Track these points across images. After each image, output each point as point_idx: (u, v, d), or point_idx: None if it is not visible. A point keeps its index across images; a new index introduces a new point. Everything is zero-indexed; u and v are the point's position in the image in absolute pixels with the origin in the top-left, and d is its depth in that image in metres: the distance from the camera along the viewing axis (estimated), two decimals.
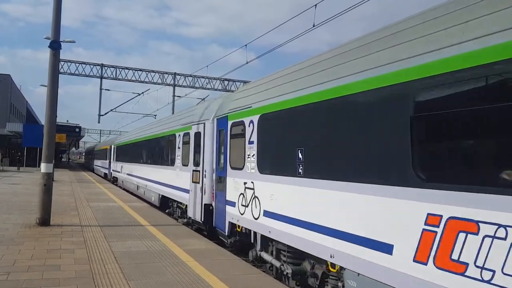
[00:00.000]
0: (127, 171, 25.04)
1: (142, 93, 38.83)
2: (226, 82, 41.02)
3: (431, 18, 4.37)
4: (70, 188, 22.34)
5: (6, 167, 43.94)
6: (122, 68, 38.62)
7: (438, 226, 3.86)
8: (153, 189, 17.34)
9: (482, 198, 3.48)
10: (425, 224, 4.01)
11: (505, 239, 3.29)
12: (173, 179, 14.04)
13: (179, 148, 13.63)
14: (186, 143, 12.77)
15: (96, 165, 48.84)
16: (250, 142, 8.02)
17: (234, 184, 8.86)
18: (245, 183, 8.24)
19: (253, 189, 7.87)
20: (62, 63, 35.16)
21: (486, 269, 3.39)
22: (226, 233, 9.34)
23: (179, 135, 13.66)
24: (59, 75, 12.71)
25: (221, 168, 9.82)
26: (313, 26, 13.37)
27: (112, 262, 6.91)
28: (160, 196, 16.24)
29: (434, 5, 4.62)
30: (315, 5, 12.92)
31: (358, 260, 4.94)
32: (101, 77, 37.64)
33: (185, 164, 12.74)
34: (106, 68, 38.10)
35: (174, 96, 39.86)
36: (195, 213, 11.43)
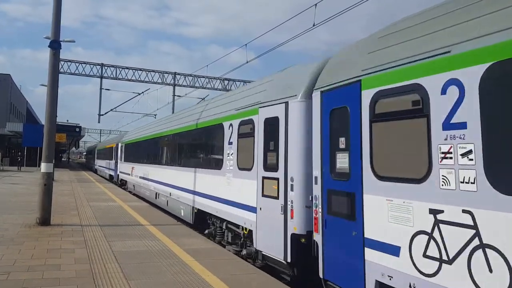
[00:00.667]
0: (140, 174, 20.99)
1: (142, 92, 38.84)
2: (226, 82, 41.04)
3: None
4: (70, 187, 22.34)
5: (6, 167, 43.97)
6: (122, 68, 38.61)
7: None
8: (183, 200, 13.23)
9: None
10: None
11: None
12: (220, 188, 10.03)
13: (230, 143, 9.60)
14: (245, 135, 8.88)
15: (99, 166, 45.09)
16: (454, 126, 4.06)
17: (393, 211, 4.72)
18: (435, 213, 4.20)
19: (474, 228, 3.81)
20: (62, 63, 35.17)
21: None
22: None
23: (231, 124, 9.65)
24: (59, 74, 12.72)
25: (342, 177, 5.69)
26: (313, 25, 13.37)
27: (112, 262, 6.90)
28: (195, 211, 12.05)
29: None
30: (315, 5, 12.92)
31: None
32: (101, 77, 37.62)
33: (244, 167, 8.79)
34: (106, 67, 38.09)
35: (174, 95, 39.86)
36: (271, 245, 7.45)
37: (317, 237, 6.19)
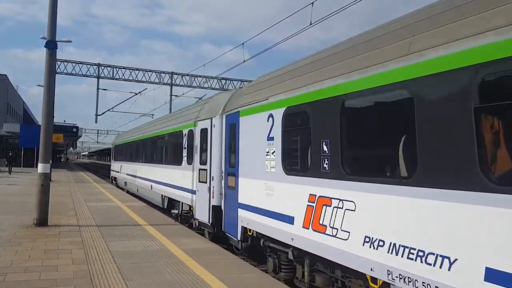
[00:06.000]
0: None
1: (139, 92, 38.78)
2: (223, 81, 41.02)
3: None
4: (67, 188, 22.29)
5: (3, 168, 43.80)
6: (119, 68, 38.54)
7: None
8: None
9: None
10: None
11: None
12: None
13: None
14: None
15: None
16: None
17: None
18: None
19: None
20: (58, 63, 35.07)
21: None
22: None
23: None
24: (55, 75, 12.70)
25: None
26: (310, 24, 13.38)
27: (110, 262, 6.88)
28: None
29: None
30: (312, 3, 12.92)
31: None
32: (98, 77, 37.54)
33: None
34: (103, 68, 38.00)
35: (171, 95, 39.84)
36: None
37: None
